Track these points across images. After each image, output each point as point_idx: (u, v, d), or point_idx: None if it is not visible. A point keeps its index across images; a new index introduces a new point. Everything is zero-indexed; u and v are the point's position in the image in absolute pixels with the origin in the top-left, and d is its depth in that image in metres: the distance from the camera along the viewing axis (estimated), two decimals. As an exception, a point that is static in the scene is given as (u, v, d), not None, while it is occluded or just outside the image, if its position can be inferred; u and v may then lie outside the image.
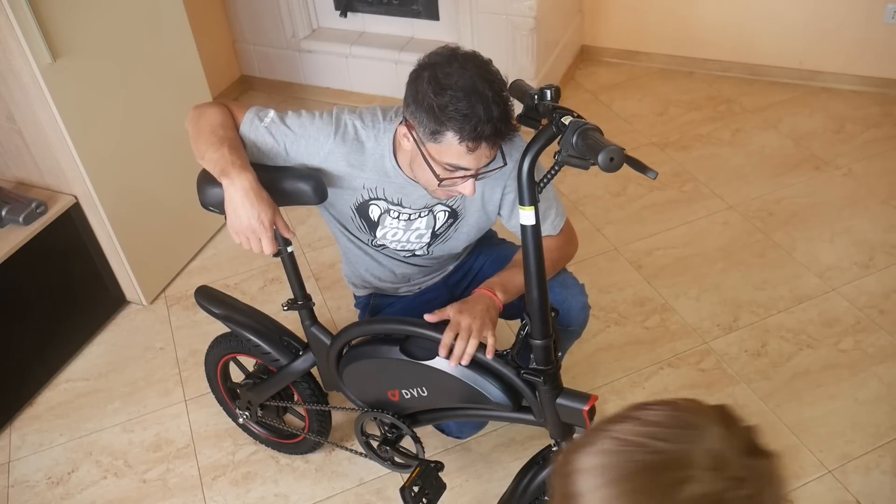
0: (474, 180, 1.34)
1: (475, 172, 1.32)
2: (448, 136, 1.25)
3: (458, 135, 1.24)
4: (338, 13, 3.35)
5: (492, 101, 1.23)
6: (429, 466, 1.62)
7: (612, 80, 3.55)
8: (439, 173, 1.32)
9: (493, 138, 1.25)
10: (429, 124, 1.26)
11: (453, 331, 1.36)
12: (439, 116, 1.24)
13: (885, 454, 1.89)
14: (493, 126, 1.23)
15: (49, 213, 2.17)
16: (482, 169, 1.33)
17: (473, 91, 1.22)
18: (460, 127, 1.23)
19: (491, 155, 1.31)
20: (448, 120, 1.23)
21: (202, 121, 1.41)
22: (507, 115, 1.26)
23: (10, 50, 1.90)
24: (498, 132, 1.25)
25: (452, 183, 1.34)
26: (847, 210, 2.67)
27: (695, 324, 2.29)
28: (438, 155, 1.30)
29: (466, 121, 1.22)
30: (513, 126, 1.29)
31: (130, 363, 2.34)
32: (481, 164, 1.30)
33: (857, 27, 3.13)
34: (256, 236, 1.36)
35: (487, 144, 1.26)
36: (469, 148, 1.25)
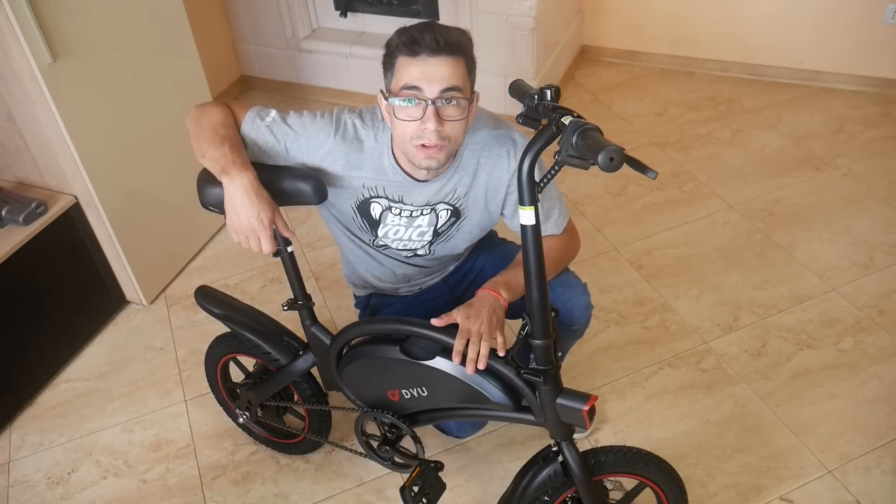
0: (435, 113, 1.31)
1: (432, 98, 1.30)
2: (397, 58, 1.31)
3: (400, 49, 1.30)
4: (338, 13, 3.36)
5: (435, 24, 1.31)
6: (429, 466, 1.62)
7: (612, 80, 3.55)
8: (396, 105, 1.33)
9: (433, 45, 1.28)
10: (387, 65, 1.34)
11: (464, 337, 1.35)
12: (389, 49, 1.33)
13: (885, 454, 1.89)
14: (432, 35, 1.28)
15: (49, 213, 2.17)
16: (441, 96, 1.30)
17: (420, 24, 1.32)
18: (402, 41, 1.30)
19: (442, 74, 1.29)
20: (395, 47, 1.31)
21: (203, 119, 1.41)
22: (451, 35, 1.30)
23: (10, 50, 1.90)
24: (438, 42, 1.27)
25: (414, 118, 1.32)
26: (847, 210, 2.67)
27: (695, 324, 2.29)
28: (395, 84, 1.34)
29: (407, 33, 1.30)
30: (463, 51, 1.32)
31: (130, 363, 2.34)
32: (433, 82, 1.29)
33: (857, 27, 3.13)
34: (256, 235, 1.36)
35: (428, 51, 1.28)
36: (410, 53, 1.29)
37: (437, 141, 1.33)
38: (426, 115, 1.31)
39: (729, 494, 1.84)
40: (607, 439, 1.99)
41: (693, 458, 1.92)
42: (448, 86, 1.30)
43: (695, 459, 1.92)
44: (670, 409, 2.05)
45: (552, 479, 1.45)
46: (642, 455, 1.49)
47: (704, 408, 2.05)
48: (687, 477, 1.84)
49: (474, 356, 1.35)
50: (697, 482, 1.87)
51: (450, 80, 1.30)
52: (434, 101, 1.30)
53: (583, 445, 1.86)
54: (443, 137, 1.34)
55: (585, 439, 1.99)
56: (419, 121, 1.32)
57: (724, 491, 1.85)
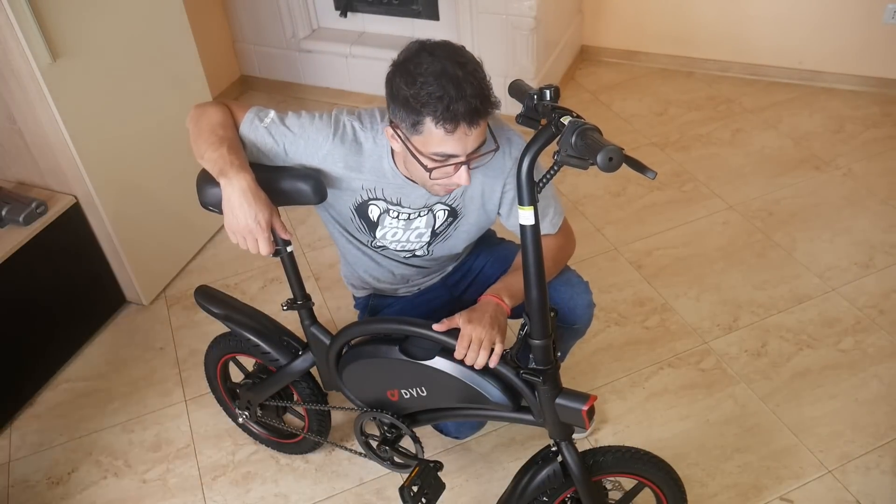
0: (467, 168, 1.31)
1: (465, 159, 1.30)
2: (427, 124, 1.25)
3: (434, 118, 1.23)
4: (338, 13, 3.36)
5: (463, 80, 1.22)
6: (428, 466, 1.62)
7: (612, 80, 3.55)
8: (428, 165, 1.31)
9: (471, 116, 1.23)
10: (408, 117, 1.26)
11: (465, 342, 1.36)
12: (414, 106, 1.24)
13: (885, 454, 1.89)
14: (468, 103, 1.22)
15: (49, 213, 2.17)
16: (473, 154, 1.31)
17: (443, 73, 1.22)
18: (434, 109, 1.22)
19: (476, 137, 1.28)
20: (422, 106, 1.23)
21: (202, 120, 1.41)
22: (482, 92, 1.24)
23: (10, 50, 1.90)
24: (474, 109, 1.23)
25: (445, 174, 1.32)
26: (847, 210, 2.67)
27: (695, 324, 2.29)
28: (424, 146, 1.29)
29: (439, 102, 1.21)
30: (491, 103, 1.27)
31: (130, 363, 2.34)
32: (468, 147, 1.28)
33: (857, 27, 3.13)
34: (253, 236, 1.36)
35: (466, 124, 1.24)
36: (447, 130, 1.24)
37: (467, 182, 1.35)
38: (459, 173, 1.32)
39: (729, 494, 1.84)
40: (607, 439, 1.99)
41: (693, 458, 1.92)
42: (480, 144, 1.31)
43: (695, 459, 1.92)
44: (670, 409, 2.05)
45: (551, 479, 1.45)
46: (641, 455, 1.49)
47: (704, 408, 2.05)
48: (687, 477, 1.84)
49: (472, 363, 1.37)
50: (697, 482, 1.87)
51: (480, 139, 1.30)
52: (469, 162, 1.31)
53: (583, 445, 1.86)
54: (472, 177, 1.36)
55: (585, 439, 1.99)
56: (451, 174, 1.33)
57: (724, 491, 1.85)
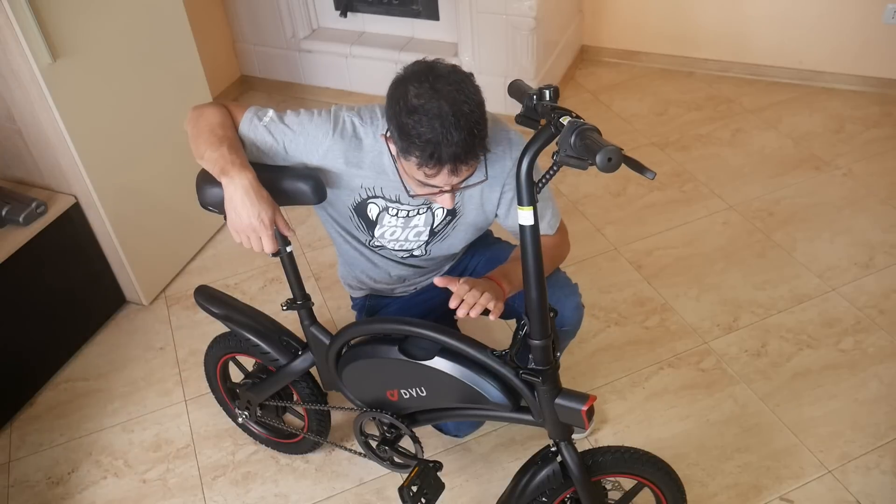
0: (451, 195, 1.33)
1: (450, 189, 1.31)
2: (412, 159, 1.26)
3: (417, 160, 1.25)
4: (338, 13, 3.36)
5: (453, 126, 1.21)
6: (427, 466, 1.62)
7: (612, 80, 3.55)
8: (412, 187, 1.34)
9: (453, 162, 1.24)
10: (398, 142, 1.28)
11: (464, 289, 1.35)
12: (404, 138, 1.25)
13: (885, 454, 1.89)
14: (452, 152, 1.22)
15: (49, 213, 2.17)
16: (459, 184, 1.32)
17: (437, 116, 1.21)
18: (420, 152, 1.24)
19: (461, 175, 1.29)
20: (410, 144, 1.24)
21: (201, 121, 1.41)
22: (470, 139, 1.23)
23: (10, 50, 1.91)
24: (456, 157, 1.23)
25: (427, 192, 1.34)
26: (847, 210, 2.67)
27: (695, 324, 2.29)
28: (410, 170, 1.31)
29: (426, 147, 1.23)
30: (480, 149, 1.28)
31: (130, 363, 2.34)
32: (452, 182, 1.30)
33: (857, 27, 3.13)
34: (257, 235, 1.36)
35: (449, 169, 1.25)
36: (428, 173, 1.27)
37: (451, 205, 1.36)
38: (443, 197, 1.33)
39: (729, 494, 1.84)
40: (607, 439, 1.99)
41: (693, 458, 1.92)
42: (465, 178, 1.31)
43: (695, 459, 1.92)
44: (670, 409, 2.05)
45: (551, 479, 1.45)
46: (640, 455, 1.49)
47: (704, 408, 2.05)
48: (687, 477, 1.84)
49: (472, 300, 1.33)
50: (697, 482, 1.87)
51: (466, 174, 1.31)
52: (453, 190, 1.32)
53: (583, 445, 1.86)
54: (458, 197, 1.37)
55: (585, 439, 1.99)
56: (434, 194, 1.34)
57: (724, 491, 1.85)
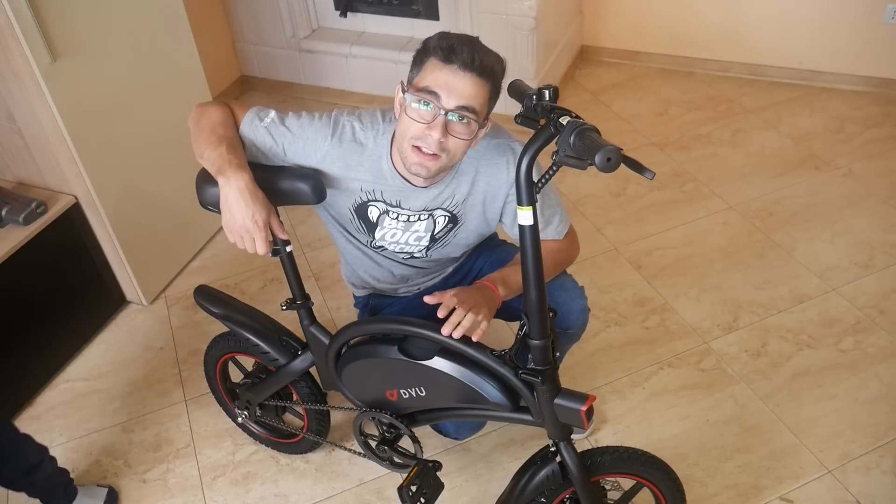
0: (444, 125, 1.31)
1: (444, 109, 1.30)
2: (429, 59, 1.32)
3: (436, 53, 1.30)
4: (338, 13, 3.36)
5: (476, 44, 1.31)
6: (427, 466, 1.62)
7: (612, 80, 3.55)
8: (409, 102, 1.33)
9: (468, 62, 1.28)
10: (416, 62, 1.35)
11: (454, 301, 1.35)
12: (426, 48, 1.33)
13: (885, 454, 1.89)
14: (470, 52, 1.28)
15: (49, 213, 2.17)
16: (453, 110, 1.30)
17: (462, 37, 1.32)
18: (437, 45, 1.30)
19: (465, 89, 1.29)
20: (431, 47, 1.32)
21: (203, 119, 1.42)
22: (489, 60, 1.31)
23: (10, 50, 1.91)
24: (472, 59, 1.28)
25: (422, 120, 1.32)
26: (847, 210, 2.67)
27: (695, 324, 2.29)
28: (418, 82, 1.33)
29: (446, 39, 1.31)
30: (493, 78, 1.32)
31: (130, 363, 2.34)
32: (452, 94, 1.29)
33: (857, 27, 3.13)
34: (250, 236, 1.36)
35: (460, 66, 1.28)
36: (444, 59, 1.29)
37: (436, 150, 1.34)
38: (434, 123, 1.32)
39: (729, 494, 1.84)
40: (607, 439, 1.99)
41: (693, 458, 1.92)
42: (466, 104, 1.31)
43: (695, 459, 1.92)
44: (670, 409, 2.05)
45: (550, 479, 1.45)
46: (639, 455, 1.49)
47: (704, 408, 2.05)
48: (687, 477, 1.84)
49: (457, 319, 1.34)
50: (697, 482, 1.87)
51: (469, 100, 1.31)
52: (447, 113, 1.31)
53: (583, 445, 1.86)
54: (442, 149, 1.34)
55: (585, 439, 1.99)
56: (426, 125, 1.32)
57: (724, 491, 1.85)
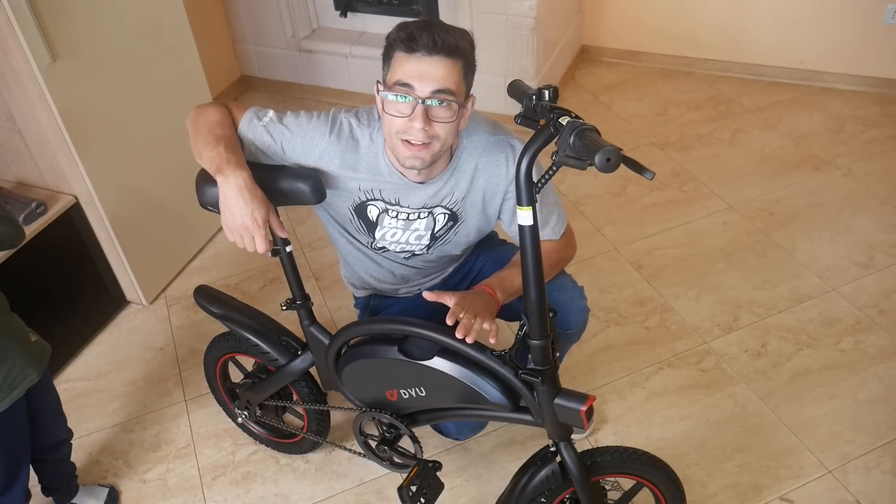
0: (424, 113, 1.31)
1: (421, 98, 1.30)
2: (395, 53, 1.31)
3: (399, 45, 1.30)
4: (338, 13, 3.36)
5: (438, 24, 1.31)
6: (427, 466, 1.62)
7: (612, 80, 3.55)
8: (387, 99, 1.32)
9: (431, 44, 1.27)
10: (384, 59, 1.34)
11: (460, 308, 1.35)
12: (388, 42, 1.32)
13: (885, 454, 1.89)
14: (432, 35, 1.27)
15: (49, 213, 2.17)
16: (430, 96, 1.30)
17: (424, 21, 1.32)
18: (397, 37, 1.30)
19: (435, 73, 1.29)
20: (393, 40, 1.31)
21: (201, 120, 1.42)
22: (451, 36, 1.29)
23: (10, 50, 1.91)
24: (435, 41, 1.27)
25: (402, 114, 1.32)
26: (847, 210, 2.67)
27: (695, 324, 2.29)
28: (390, 78, 1.34)
29: (406, 28, 1.30)
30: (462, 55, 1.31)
31: (130, 363, 2.34)
32: (425, 82, 1.29)
33: (857, 27, 3.13)
34: (250, 234, 1.36)
35: (425, 50, 1.28)
36: (407, 50, 1.29)
37: (424, 139, 1.33)
38: (414, 114, 1.31)
39: (729, 494, 1.84)
40: (607, 439, 1.99)
41: (693, 458, 1.92)
42: (440, 87, 1.30)
43: (695, 459, 1.92)
44: (670, 409, 2.05)
45: (550, 479, 1.45)
46: (639, 455, 1.49)
47: (704, 408, 2.05)
48: (687, 477, 1.84)
49: (468, 323, 1.33)
50: (697, 482, 1.87)
51: (443, 82, 1.30)
52: (424, 101, 1.30)
53: (583, 445, 1.86)
54: (430, 136, 1.33)
55: (586, 439, 1.99)
56: (407, 118, 1.32)
57: (724, 491, 1.85)
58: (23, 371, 1.50)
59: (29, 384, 1.52)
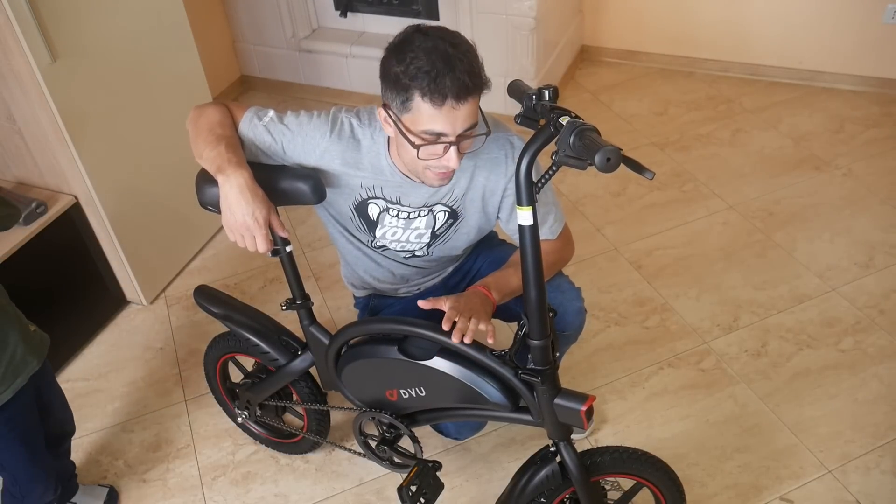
0: (457, 150, 1.30)
1: (454, 139, 1.29)
2: (416, 99, 1.24)
3: (421, 92, 1.23)
4: (338, 13, 3.36)
5: (453, 57, 1.22)
6: (426, 466, 1.62)
7: (612, 80, 3.55)
8: (416, 142, 1.29)
9: (459, 91, 1.23)
10: (398, 95, 1.26)
11: (455, 311, 1.35)
12: (404, 81, 1.23)
13: (885, 454, 1.89)
14: (456, 78, 1.21)
15: (49, 213, 2.17)
16: (462, 135, 1.29)
17: (434, 50, 1.22)
18: (422, 84, 1.22)
19: (466, 116, 1.27)
20: (411, 80, 1.23)
21: (201, 120, 1.42)
22: (472, 69, 1.24)
23: (10, 50, 1.91)
24: (463, 84, 1.22)
25: (434, 155, 1.31)
26: (847, 210, 2.67)
27: (695, 324, 2.29)
28: (413, 124, 1.28)
29: (427, 76, 1.21)
30: (482, 81, 1.27)
31: (130, 363, 2.34)
32: (457, 126, 1.27)
33: (857, 27, 3.13)
34: (251, 233, 1.36)
35: (454, 99, 1.23)
36: (435, 103, 1.23)
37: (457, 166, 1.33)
38: (448, 154, 1.31)
39: (729, 494, 1.84)
40: (607, 439, 1.99)
41: (693, 458, 1.92)
42: (470, 125, 1.29)
43: (695, 459, 1.92)
44: (670, 409, 2.05)
45: (550, 479, 1.45)
46: (639, 455, 1.49)
47: (704, 408, 2.05)
48: (687, 477, 1.84)
49: (464, 326, 1.33)
50: (697, 482, 1.87)
51: (470, 119, 1.29)
52: (458, 142, 1.30)
53: (583, 445, 1.86)
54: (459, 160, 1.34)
55: (586, 439, 1.99)
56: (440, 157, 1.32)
57: (724, 491, 1.85)
58: (24, 359, 1.51)
59: (31, 371, 1.53)
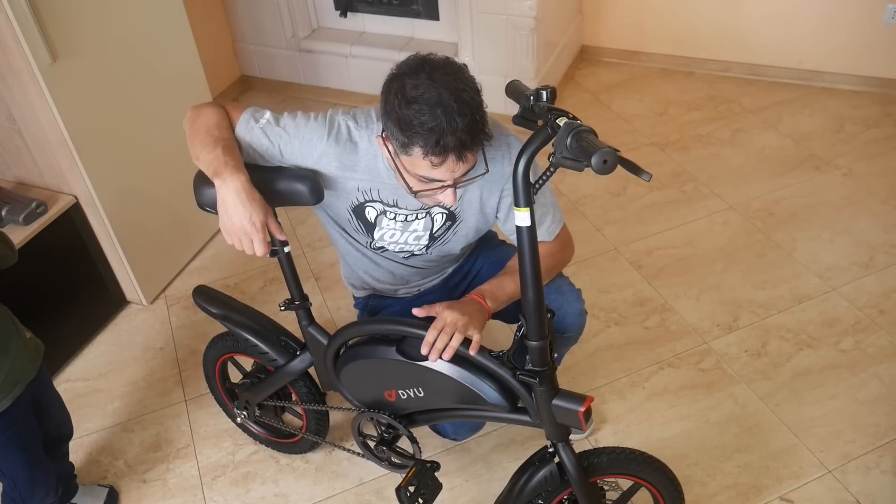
0: (454, 190, 1.32)
1: (452, 183, 1.30)
2: (415, 151, 1.24)
3: (423, 150, 1.23)
4: (338, 13, 3.36)
5: (456, 113, 1.21)
6: (425, 466, 1.62)
7: (612, 80, 3.55)
8: (413, 185, 1.32)
9: (459, 150, 1.23)
10: (399, 137, 1.26)
11: (437, 328, 1.37)
12: (405, 130, 1.23)
13: (885, 454, 1.89)
14: (457, 138, 1.21)
15: (49, 213, 2.17)
16: (461, 178, 1.31)
17: (438, 103, 1.21)
18: (424, 142, 1.22)
19: (465, 166, 1.28)
20: (413, 134, 1.23)
21: (198, 121, 1.41)
22: (473, 125, 1.23)
23: (10, 50, 1.91)
24: (462, 144, 1.22)
25: (431, 193, 1.33)
26: (847, 210, 2.67)
27: (695, 324, 2.29)
28: (411, 167, 1.29)
29: (430, 135, 1.21)
30: (483, 135, 1.27)
31: (130, 363, 2.34)
32: (456, 174, 1.28)
33: (857, 27, 3.12)
34: (248, 237, 1.36)
35: (455, 157, 1.24)
36: (434, 162, 1.24)
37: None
38: (446, 194, 1.32)
39: (729, 494, 1.84)
40: (607, 439, 1.99)
41: (693, 458, 1.92)
42: (468, 170, 1.30)
43: (695, 459, 1.92)
44: (670, 409, 2.05)
45: (548, 480, 1.45)
46: (637, 456, 1.49)
47: (704, 408, 2.05)
48: (687, 477, 1.84)
49: (441, 345, 1.35)
50: (697, 482, 1.87)
51: (469, 166, 1.29)
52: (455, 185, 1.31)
53: (584, 446, 1.86)
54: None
55: (586, 440, 1.99)
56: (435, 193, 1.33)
57: (724, 491, 1.85)
58: (23, 366, 1.52)
59: (28, 378, 1.54)
